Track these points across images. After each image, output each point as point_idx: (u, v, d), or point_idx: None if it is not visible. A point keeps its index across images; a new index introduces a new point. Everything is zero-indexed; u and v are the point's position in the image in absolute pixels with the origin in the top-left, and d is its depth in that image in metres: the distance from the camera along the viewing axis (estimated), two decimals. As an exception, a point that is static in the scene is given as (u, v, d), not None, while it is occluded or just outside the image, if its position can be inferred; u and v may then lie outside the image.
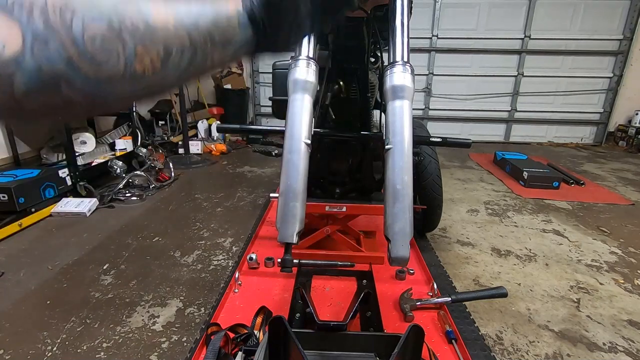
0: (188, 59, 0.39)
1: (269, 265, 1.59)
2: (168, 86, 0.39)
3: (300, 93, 0.94)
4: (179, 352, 1.25)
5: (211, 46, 0.41)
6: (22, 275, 1.70)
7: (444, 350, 1.13)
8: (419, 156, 1.83)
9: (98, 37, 0.30)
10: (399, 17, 0.99)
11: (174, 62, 0.37)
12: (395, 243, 0.86)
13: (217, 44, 0.42)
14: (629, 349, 1.31)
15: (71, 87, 0.29)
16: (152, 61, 0.34)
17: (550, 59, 4.94)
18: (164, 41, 0.35)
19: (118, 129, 3.60)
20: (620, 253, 2.02)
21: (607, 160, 4.29)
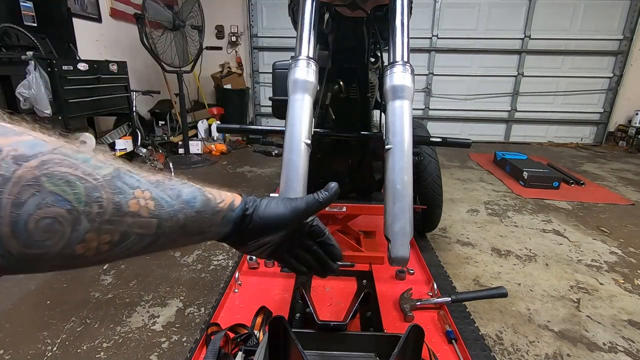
0: (145, 244, 0.38)
1: (269, 265, 1.59)
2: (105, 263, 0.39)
3: (300, 93, 0.94)
4: (179, 352, 1.25)
5: (178, 235, 0.41)
6: (22, 275, 1.70)
7: (444, 350, 1.13)
8: (419, 156, 1.83)
9: (48, 219, 0.29)
10: (399, 17, 0.99)
11: (126, 247, 0.36)
12: (395, 243, 0.86)
13: (186, 233, 0.42)
14: (629, 349, 1.31)
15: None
16: (98, 246, 0.33)
17: (550, 59, 4.94)
18: (126, 228, 0.35)
19: (118, 129, 3.60)
20: (620, 253, 2.02)
21: (607, 160, 4.29)
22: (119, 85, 3.33)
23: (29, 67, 2.39)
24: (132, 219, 0.35)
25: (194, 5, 3.64)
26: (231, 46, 5.27)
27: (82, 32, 3.41)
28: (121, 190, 0.34)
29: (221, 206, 0.47)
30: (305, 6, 1.01)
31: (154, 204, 0.37)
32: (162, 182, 0.39)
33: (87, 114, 2.99)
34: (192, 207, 0.42)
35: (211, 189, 0.47)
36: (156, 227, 0.38)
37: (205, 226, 0.45)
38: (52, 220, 0.29)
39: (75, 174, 0.30)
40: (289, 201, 0.53)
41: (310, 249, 0.59)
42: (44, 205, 0.28)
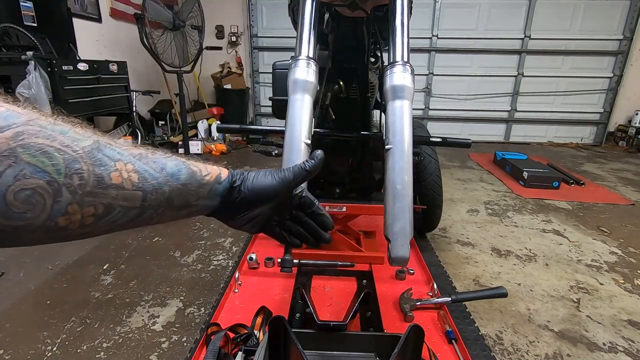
0: (130, 217, 0.38)
1: (269, 265, 1.59)
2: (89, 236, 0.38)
3: (300, 93, 0.94)
4: (179, 352, 1.25)
5: (165, 208, 0.41)
6: (22, 275, 1.70)
7: (444, 350, 1.13)
8: (419, 156, 1.83)
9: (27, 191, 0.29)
10: (399, 17, 0.99)
11: (110, 219, 0.36)
12: (395, 243, 0.86)
13: (173, 206, 0.43)
14: (629, 349, 1.31)
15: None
16: (82, 218, 0.33)
17: (550, 59, 4.94)
18: (110, 200, 0.35)
19: (118, 129, 3.60)
20: (620, 253, 2.02)
21: (607, 160, 4.29)
22: (119, 85, 3.33)
23: (29, 67, 2.39)
24: (115, 191, 0.35)
25: (194, 5, 3.65)
26: (231, 46, 5.27)
27: (82, 32, 3.41)
28: (102, 162, 0.34)
29: (207, 179, 0.46)
30: (305, 6, 1.01)
31: (138, 176, 0.37)
32: (145, 155, 0.39)
33: (87, 114, 2.99)
34: (177, 180, 0.42)
35: (197, 162, 0.46)
36: (141, 200, 0.38)
37: (191, 199, 0.45)
38: (31, 191, 0.29)
39: (52, 145, 0.30)
40: (277, 172, 0.53)
41: (301, 220, 0.59)
42: (22, 176, 0.28)
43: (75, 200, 0.32)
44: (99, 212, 0.34)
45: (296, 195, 0.58)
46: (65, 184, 0.31)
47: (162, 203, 0.40)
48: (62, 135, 0.31)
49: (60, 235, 0.33)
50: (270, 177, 0.52)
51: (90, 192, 0.33)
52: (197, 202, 0.46)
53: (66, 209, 0.31)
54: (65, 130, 0.32)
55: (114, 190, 0.35)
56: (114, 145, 0.36)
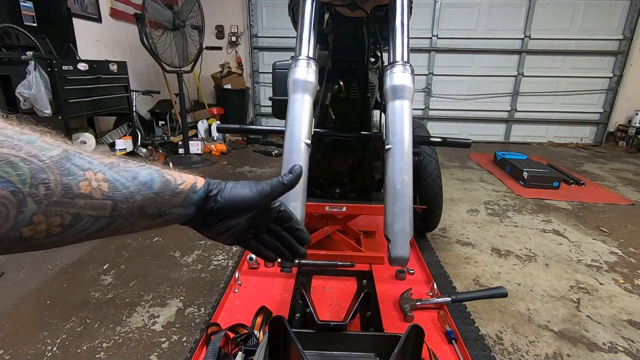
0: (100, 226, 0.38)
1: (269, 265, 1.59)
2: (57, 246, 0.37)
3: (300, 93, 0.94)
4: (179, 352, 1.25)
5: (136, 217, 0.41)
6: (22, 275, 1.70)
7: (444, 350, 1.13)
8: (419, 156, 1.83)
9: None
10: (399, 17, 0.99)
11: (79, 229, 0.36)
12: (395, 243, 0.86)
13: (145, 216, 0.42)
14: (629, 349, 1.31)
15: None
16: (48, 228, 0.33)
17: (550, 59, 4.94)
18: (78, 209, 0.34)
19: (118, 129, 3.61)
20: (620, 253, 2.02)
21: (607, 160, 4.29)
22: (119, 85, 3.33)
23: (29, 67, 2.39)
24: (83, 200, 0.34)
25: (194, 5, 3.65)
26: (231, 46, 5.28)
27: (82, 32, 3.41)
28: (70, 171, 0.33)
29: (182, 187, 0.46)
30: (305, 6, 1.01)
31: (108, 185, 0.37)
32: (117, 164, 0.39)
33: (87, 114, 2.99)
34: (149, 189, 0.41)
35: (172, 171, 0.46)
36: (111, 209, 0.37)
37: (165, 208, 0.44)
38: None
39: (18, 155, 0.30)
40: (255, 184, 0.53)
41: (279, 234, 0.59)
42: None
43: (41, 210, 0.31)
44: (66, 222, 0.34)
45: (274, 209, 0.58)
46: (31, 194, 0.30)
47: (133, 212, 0.40)
48: (28, 145, 0.31)
49: (26, 245, 0.33)
50: (248, 188, 0.52)
51: (57, 202, 0.32)
52: (171, 210, 0.45)
53: (31, 219, 0.31)
54: (33, 140, 0.32)
55: (82, 200, 0.34)
56: (84, 155, 0.36)
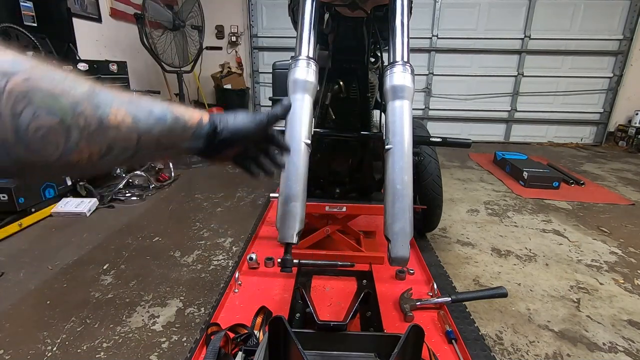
0: (127, 156, 0.43)
1: (269, 265, 1.59)
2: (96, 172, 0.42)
3: (300, 93, 0.94)
4: (179, 352, 1.25)
5: (155, 149, 0.47)
6: (22, 275, 1.70)
7: (444, 350, 1.13)
8: (419, 156, 1.83)
9: (44, 129, 0.32)
10: (399, 17, 0.99)
11: (112, 158, 0.40)
12: (395, 243, 0.86)
13: (162, 147, 0.48)
14: (629, 349, 1.31)
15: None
16: (90, 155, 0.38)
17: (550, 59, 4.94)
18: (110, 140, 0.39)
19: (118, 129, 3.60)
20: (620, 253, 2.02)
21: (607, 160, 4.29)
22: (119, 85, 3.33)
23: (29, 67, 2.39)
24: (114, 132, 0.39)
25: (194, 5, 3.64)
26: (231, 46, 5.27)
27: (82, 32, 3.40)
28: (99, 105, 0.37)
29: (190, 123, 0.51)
30: (305, 6, 1.01)
31: (131, 119, 0.41)
32: (134, 100, 0.43)
33: (87, 114, 2.98)
34: (163, 124, 0.46)
35: (179, 107, 0.51)
36: (136, 141, 0.42)
37: (177, 141, 0.50)
38: (46, 130, 0.32)
39: (57, 89, 0.33)
40: (252, 116, 0.61)
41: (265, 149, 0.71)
42: (36, 116, 0.32)
43: (83, 139, 0.36)
44: (103, 150, 0.39)
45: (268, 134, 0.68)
46: (73, 124, 0.35)
47: (152, 144, 0.45)
48: (63, 81, 0.34)
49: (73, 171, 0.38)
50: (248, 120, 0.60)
51: (94, 132, 0.37)
52: (183, 143, 0.51)
53: (76, 147, 0.36)
54: (64, 77, 0.35)
55: (113, 131, 0.39)
56: (107, 91, 0.39)
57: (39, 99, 0.32)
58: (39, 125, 0.32)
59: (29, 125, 0.31)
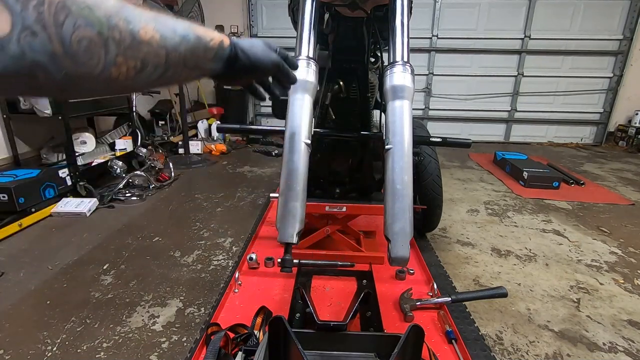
0: (159, 74, 0.44)
1: (269, 265, 1.59)
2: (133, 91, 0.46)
3: (300, 93, 0.94)
4: (179, 352, 1.25)
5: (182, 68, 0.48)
6: (22, 275, 1.70)
7: (444, 350, 1.13)
8: (419, 156, 1.83)
9: (85, 40, 0.33)
10: (399, 17, 0.99)
11: (146, 75, 0.42)
12: (395, 243, 0.86)
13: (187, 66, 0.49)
14: (629, 349, 1.31)
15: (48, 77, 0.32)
16: (127, 70, 0.39)
17: (550, 59, 4.94)
18: (144, 56, 0.40)
19: (118, 129, 3.60)
20: (620, 253, 2.02)
21: (607, 160, 4.29)
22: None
23: (29, 67, 2.39)
24: (146, 47, 0.40)
25: (194, 5, 3.64)
26: (231, 46, 5.27)
27: (82, 32, 3.40)
28: (130, 20, 0.38)
29: (212, 44, 0.52)
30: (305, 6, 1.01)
31: (159, 36, 0.42)
32: (158, 17, 0.43)
33: (87, 114, 2.99)
34: (188, 42, 0.47)
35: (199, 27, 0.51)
36: (165, 58, 0.43)
37: (201, 61, 0.51)
38: (88, 41, 0.33)
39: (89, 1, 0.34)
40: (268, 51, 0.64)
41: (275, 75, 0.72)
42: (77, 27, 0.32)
43: (120, 52, 0.37)
44: (138, 66, 0.40)
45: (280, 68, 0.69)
46: (110, 36, 0.35)
47: (179, 62, 0.46)
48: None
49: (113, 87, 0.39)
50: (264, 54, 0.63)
51: (129, 47, 0.38)
52: (205, 64, 0.53)
53: (115, 61, 0.36)
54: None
55: (145, 47, 0.40)
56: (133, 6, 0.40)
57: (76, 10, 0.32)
58: (81, 36, 0.33)
59: (72, 36, 0.32)
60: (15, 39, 0.29)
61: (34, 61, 0.31)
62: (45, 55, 0.31)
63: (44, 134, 3.12)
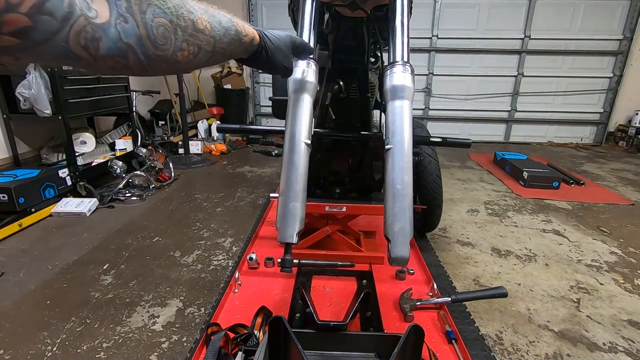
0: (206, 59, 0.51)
1: (269, 265, 1.59)
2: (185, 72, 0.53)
3: (300, 93, 0.94)
4: (179, 352, 1.25)
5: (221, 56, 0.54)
6: (22, 275, 1.70)
7: (444, 350, 1.13)
8: (419, 156, 1.83)
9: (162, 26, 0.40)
10: (399, 17, 0.99)
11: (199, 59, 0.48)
12: (395, 243, 0.86)
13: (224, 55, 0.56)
14: (629, 349, 1.31)
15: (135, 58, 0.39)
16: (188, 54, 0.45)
17: (550, 59, 4.94)
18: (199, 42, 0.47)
19: (118, 129, 3.60)
20: (620, 253, 2.02)
21: (607, 160, 4.29)
22: (119, 85, 3.33)
23: (29, 67, 2.39)
24: (202, 35, 0.46)
25: (194, 5, 3.64)
26: (231, 46, 5.27)
27: (82, 32, 3.40)
28: (191, 10, 0.44)
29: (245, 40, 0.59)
30: (305, 6, 1.01)
31: (210, 26, 0.48)
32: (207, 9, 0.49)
33: (87, 114, 2.99)
34: (229, 34, 0.54)
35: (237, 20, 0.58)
36: (212, 46, 0.50)
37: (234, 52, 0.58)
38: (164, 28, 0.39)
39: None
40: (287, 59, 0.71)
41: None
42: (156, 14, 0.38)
43: (185, 39, 0.43)
44: (194, 51, 0.46)
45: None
46: (178, 24, 0.41)
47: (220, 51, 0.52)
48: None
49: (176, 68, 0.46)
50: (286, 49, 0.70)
51: (190, 34, 0.44)
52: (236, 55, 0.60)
53: (181, 46, 0.43)
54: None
55: (201, 35, 0.46)
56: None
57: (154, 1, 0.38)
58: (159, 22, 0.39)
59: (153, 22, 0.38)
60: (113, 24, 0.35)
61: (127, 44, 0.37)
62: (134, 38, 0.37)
63: (44, 134, 3.12)
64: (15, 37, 0.30)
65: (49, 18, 0.30)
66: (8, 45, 0.30)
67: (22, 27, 0.29)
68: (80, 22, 0.32)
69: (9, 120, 2.68)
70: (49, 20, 0.30)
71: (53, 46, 0.32)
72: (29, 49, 0.31)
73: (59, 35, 0.32)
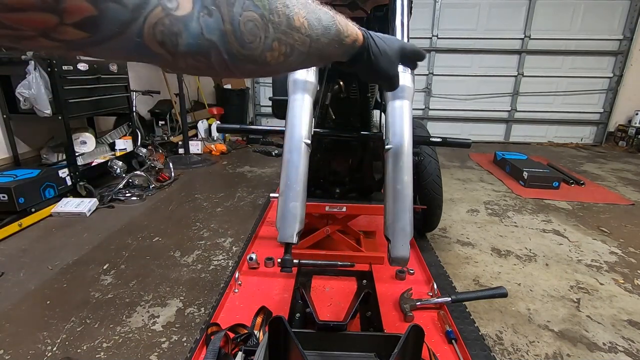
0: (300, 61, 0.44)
1: (269, 265, 1.59)
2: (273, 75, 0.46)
3: (300, 93, 0.94)
4: (179, 352, 1.25)
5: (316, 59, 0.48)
6: (22, 275, 1.70)
7: (444, 350, 1.13)
8: (419, 156, 1.83)
9: (251, 22, 0.34)
10: (399, 17, 0.99)
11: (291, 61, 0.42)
12: (395, 243, 0.86)
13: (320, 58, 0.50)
14: (629, 349, 1.31)
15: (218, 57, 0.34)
16: (278, 55, 0.39)
17: (550, 59, 4.94)
18: (293, 42, 0.40)
19: (118, 129, 3.60)
20: (620, 253, 2.02)
21: (607, 160, 4.29)
22: (119, 85, 3.33)
23: (29, 67, 2.39)
24: (297, 34, 0.40)
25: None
26: (231, 46, 5.27)
27: (82, 32, 3.40)
28: (287, 4, 0.38)
29: (346, 41, 0.52)
30: None
31: (307, 23, 0.42)
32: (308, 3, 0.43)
33: (87, 114, 2.98)
34: (328, 35, 0.47)
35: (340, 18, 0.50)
36: (308, 47, 0.43)
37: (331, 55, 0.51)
38: (253, 23, 0.34)
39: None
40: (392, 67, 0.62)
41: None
42: (245, 7, 0.33)
43: (276, 37, 0.37)
44: (287, 51, 0.40)
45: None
46: (270, 20, 0.36)
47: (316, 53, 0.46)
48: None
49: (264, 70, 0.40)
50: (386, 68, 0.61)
51: (284, 32, 0.38)
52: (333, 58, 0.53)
53: (271, 45, 0.37)
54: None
55: (296, 33, 0.40)
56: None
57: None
58: (248, 17, 0.34)
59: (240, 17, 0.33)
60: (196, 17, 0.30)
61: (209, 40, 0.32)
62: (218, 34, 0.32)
63: (44, 134, 3.12)
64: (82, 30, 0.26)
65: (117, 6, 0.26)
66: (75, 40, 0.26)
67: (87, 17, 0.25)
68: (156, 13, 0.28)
69: (9, 120, 2.68)
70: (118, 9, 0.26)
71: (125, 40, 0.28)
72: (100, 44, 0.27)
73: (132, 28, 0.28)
